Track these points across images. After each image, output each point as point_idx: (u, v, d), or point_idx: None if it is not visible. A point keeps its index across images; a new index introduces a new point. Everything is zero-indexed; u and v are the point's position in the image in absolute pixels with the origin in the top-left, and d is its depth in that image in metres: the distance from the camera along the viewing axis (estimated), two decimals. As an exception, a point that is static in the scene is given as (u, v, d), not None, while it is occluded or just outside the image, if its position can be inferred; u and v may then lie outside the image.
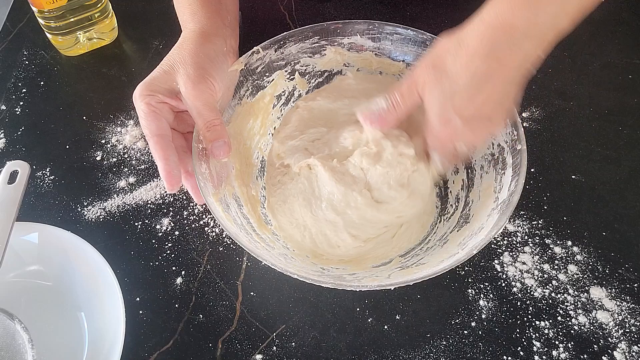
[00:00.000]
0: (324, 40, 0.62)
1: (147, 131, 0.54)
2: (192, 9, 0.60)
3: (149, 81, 0.55)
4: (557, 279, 0.57)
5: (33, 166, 0.67)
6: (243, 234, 0.53)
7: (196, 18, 0.59)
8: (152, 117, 0.54)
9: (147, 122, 0.54)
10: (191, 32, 0.58)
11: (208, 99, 0.55)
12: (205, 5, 0.60)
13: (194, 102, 0.54)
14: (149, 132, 0.54)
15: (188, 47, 0.56)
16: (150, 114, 0.54)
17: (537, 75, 0.72)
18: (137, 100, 0.54)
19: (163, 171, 0.52)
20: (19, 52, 0.79)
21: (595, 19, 0.80)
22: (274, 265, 0.47)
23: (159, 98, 0.54)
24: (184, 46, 0.57)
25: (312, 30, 0.61)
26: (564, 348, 0.53)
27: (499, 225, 0.49)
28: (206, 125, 0.54)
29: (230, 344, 0.54)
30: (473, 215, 0.55)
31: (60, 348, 0.54)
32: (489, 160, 0.57)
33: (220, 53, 0.58)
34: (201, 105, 0.54)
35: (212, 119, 0.54)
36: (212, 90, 0.55)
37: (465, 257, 0.47)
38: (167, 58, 0.57)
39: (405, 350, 0.54)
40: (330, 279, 0.52)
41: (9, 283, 0.58)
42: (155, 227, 0.62)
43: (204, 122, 0.54)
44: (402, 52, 0.61)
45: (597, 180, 0.64)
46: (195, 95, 0.54)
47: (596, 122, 0.68)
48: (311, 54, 0.63)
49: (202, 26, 0.59)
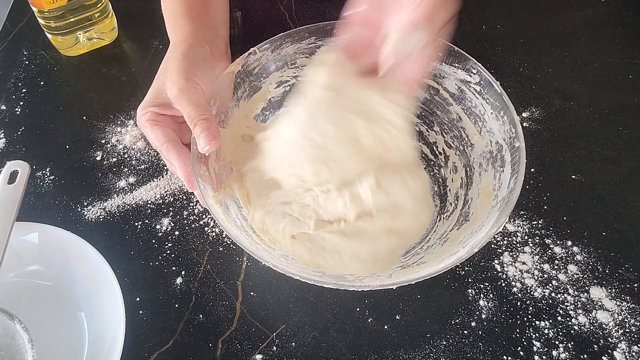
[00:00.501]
0: (320, 40, 0.62)
1: (155, 142, 0.57)
2: (174, 19, 0.64)
3: (144, 101, 0.58)
4: (557, 279, 0.57)
5: (33, 166, 0.67)
6: (244, 235, 0.53)
7: (177, 27, 0.63)
8: (156, 128, 0.57)
9: (153, 132, 0.56)
10: (174, 43, 0.62)
11: (192, 97, 0.55)
12: (187, 12, 0.63)
13: (180, 103, 0.55)
14: (158, 140, 0.56)
15: (172, 57, 0.59)
16: (154, 125, 0.57)
17: (537, 75, 0.72)
18: (138, 120, 0.58)
19: (182, 171, 0.54)
20: (19, 52, 0.79)
21: (595, 19, 0.80)
22: (275, 267, 0.47)
23: (156, 111, 0.57)
24: (168, 58, 0.60)
25: (308, 30, 0.61)
26: (564, 348, 0.53)
27: (499, 223, 0.49)
28: (193, 121, 0.54)
29: (230, 344, 0.54)
30: (473, 213, 0.55)
31: (60, 348, 0.54)
32: (487, 158, 0.57)
33: (204, 57, 0.60)
34: (186, 104, 0.55)
35: (198, 114, 0.54)
36: (196, 89, 0.57)
37: (467, 255, 0.47)
38: (158, 73, 0.59)
39: (405, 350, 0.54)
40: (332, 279, 0.52)
41: (9, 283, 0.58)
42: (155, 227, 0.62)
43: (190, 119, 0.54)
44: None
45: (597, 180, 0.64)
46: (180, 96, 0.55)
47: (596, 122, 0.68)
48: (308, 55, 0.63)
49: (183, 35, 0.61)
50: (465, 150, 0.60)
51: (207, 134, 0.53)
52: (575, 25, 0.77)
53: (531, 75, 0.72)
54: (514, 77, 0.73)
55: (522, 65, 0.74)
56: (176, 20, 0.63)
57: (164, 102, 0.57)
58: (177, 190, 0.65)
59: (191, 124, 0.54)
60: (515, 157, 0.52)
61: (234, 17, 0.80)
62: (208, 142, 0.53)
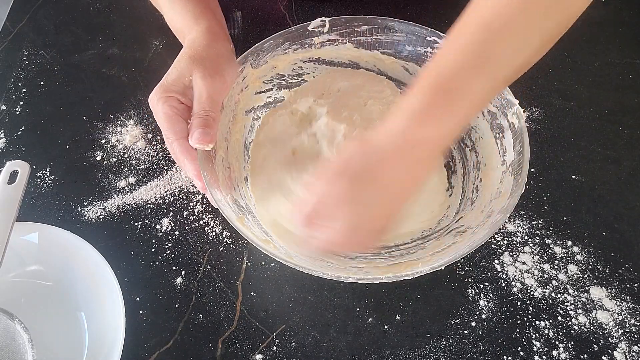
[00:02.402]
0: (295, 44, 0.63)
1: (170, 133, 0.54)
2: (194, 13, 0.61)
3: (165, 83, 0.55)
4: (557, 279, 0.57)
5: (33, 166, 0.67)
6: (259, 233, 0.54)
7: (200, 21, 0.61)
8: (175, 120, 0.54)
9: (171, 124, 0.54)
10: (199, 32, 0.59)
11: (212, 92, 0.55)
12: (205, 9, 0.62)
13: (202, 91, 0.54)
14: (173, 135, 0.54)
15: (202, 44, 0.57)
16: (173, 116, 0.54)
17: (537, 75, 0.72)
18: (156, 103, 0.54)
19: (194, 171, 0.53)
20: (19, 52, 0.79)
21: (595, 19, 0.80)
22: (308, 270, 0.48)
23: (178, 99, 0.55)
24: (195, 45, 0.58)
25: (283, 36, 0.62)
26: (564, 348, 0.53)
27: (519, 190, 0.50)
28: (200, 112, 0.54)
29: (230, 344, 0.54)
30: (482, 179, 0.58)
31: (60, 348, 0.54)
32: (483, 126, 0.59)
33: (229, 51, 0.60)
34: (205, 95, 0.54)
35: (209, 108, 0.54)
36: (223, 85, 0.56)
37: (502, 219, 0.49)
38: (180, 59, 0.57)
39: (405, 350, 0.54)
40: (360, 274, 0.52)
41: (9, 283, 0.58)
42: (155, 227, 0.62)
43: (201, 109, 0.54)
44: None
45: (597, 180, 0.64)
46: (206, 86, 0.54)
47: (596, 122, 0.68)
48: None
49: (207, 27, 0.60)
50: None
51: (202, 131, 0.52)
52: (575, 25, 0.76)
53: (531, 75, 0.72)
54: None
55: (522, 65, 0.74)
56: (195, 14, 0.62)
57: (185, 90, 0.55)
58: (177, 190, 0.65)
59: (196, 114, 0.54)
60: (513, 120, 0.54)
61: (234, 17, 0.80)
62: (203, 139, 0.52)
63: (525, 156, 0.52)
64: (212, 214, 0.63)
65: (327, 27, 0.62)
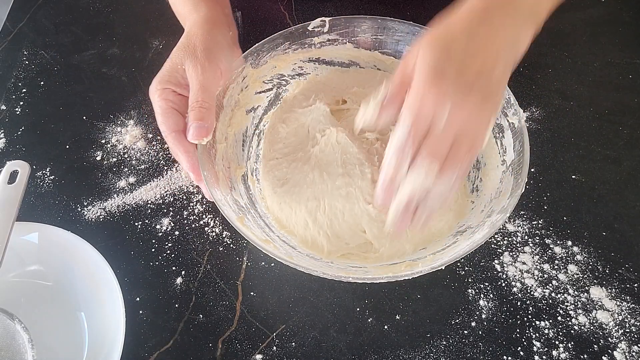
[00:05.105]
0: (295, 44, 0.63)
1: (164, 127, 0.54)
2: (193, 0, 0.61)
3: (162, 74, 0.55)
4: (557, 279, 0.57)
5: (33, 166, 0.67)
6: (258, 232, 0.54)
7: (199, 8, 0.60)
8: (169, 112, 0.54)
9: (165, 118, 0.54)
10: (197, 20, 0.59)
11: (204, 82, 0.54)
12: None
13: (193, 81, 0.54)
14: (167, 128, 0.54)
15: (196, 33, 0.57)
16: (168, 109, 0.54)
17: (537, 75, 0.72)
18: (153, 95, 0.55)
19: (188, 164, 0.53)
20: (19, 52, 0.79)
21: (595, 19, 0.80)
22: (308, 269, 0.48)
23: (173, 90, 0.55)
24: (191, 33, 0.58)
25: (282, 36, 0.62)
26: (564, 348, 0.53)
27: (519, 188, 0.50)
28: (193, 104, 0.53)
29: (230, 344, 0.54)
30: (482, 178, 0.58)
31: (60, 348, 0.54)
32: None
33: (227, 38, 0.59)
34: (198, 86, 0.54)
35: (202, 99, 0.53)
36: (215, 73, 0.56)
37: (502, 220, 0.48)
38: (177, 48, 0.57)
39: (405, 350, 0.54)
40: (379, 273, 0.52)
41: (9, 283, 0.58)
42: (155, 227, 0.62)
43: (194, 100, 0.53)
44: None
45: (597, 180, 0.64)
46: (197, 75, 0.54)
47: (596, 122, 0.68)
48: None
49: (206, 14, 0.60)
50: None
51: (200, 125, 0.52)
52: (575, 25, 0.77)
53: (531, 75, 0.72)
54: (514, 77, 0.71)
55: (522, 65, 0.73)
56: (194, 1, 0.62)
57: (180, 80, 0.55)
58: (177, 190, 0.65)
59: (190, 107, 0.53)
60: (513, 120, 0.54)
61: (234, 17, 0.80)
62: (198, 134, 0.52)
63: (525, 156, 0.52)
64: (212, 214, 0.63)
65: (327, 27, 0.62)
